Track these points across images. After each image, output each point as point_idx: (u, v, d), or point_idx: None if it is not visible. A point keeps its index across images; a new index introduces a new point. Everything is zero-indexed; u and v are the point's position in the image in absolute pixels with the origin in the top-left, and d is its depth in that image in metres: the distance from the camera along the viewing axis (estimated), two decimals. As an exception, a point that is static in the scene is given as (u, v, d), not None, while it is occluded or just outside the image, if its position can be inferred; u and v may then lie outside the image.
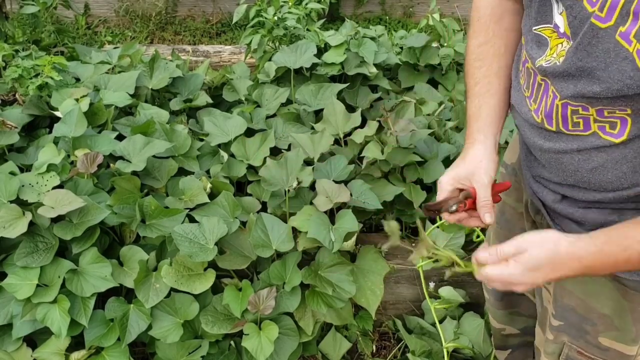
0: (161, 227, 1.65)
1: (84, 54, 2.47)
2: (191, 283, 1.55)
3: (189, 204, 1.72)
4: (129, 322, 1.56)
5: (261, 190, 1.86)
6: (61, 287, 1.54)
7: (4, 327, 1.55)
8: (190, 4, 4.18)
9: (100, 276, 1.55)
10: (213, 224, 1.60)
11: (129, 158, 1.81)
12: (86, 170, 1.68)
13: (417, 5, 4.29)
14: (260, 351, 1.50)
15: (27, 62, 2.16)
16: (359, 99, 2.28)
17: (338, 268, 1.64)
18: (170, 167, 1.84)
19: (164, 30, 4.09)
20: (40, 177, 1.67)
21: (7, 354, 1.54)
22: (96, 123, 1.98)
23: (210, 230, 1.59)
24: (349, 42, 2.33)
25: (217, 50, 3.20)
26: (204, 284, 1.55)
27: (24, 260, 1.55)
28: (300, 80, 2.31)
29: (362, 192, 1.74)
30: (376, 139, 1.95)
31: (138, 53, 2.45)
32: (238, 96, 2.29)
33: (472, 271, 0.96)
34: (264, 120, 2.10)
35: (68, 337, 1.53)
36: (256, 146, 1.94)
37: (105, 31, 4.01)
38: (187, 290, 1.55)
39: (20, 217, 1.56)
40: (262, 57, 2.46)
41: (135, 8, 4.07)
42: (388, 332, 1.94)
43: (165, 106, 2.19)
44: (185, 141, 1.94)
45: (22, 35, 2.75)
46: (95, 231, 1.62)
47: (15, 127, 1.91)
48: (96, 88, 2.14)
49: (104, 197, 1.70)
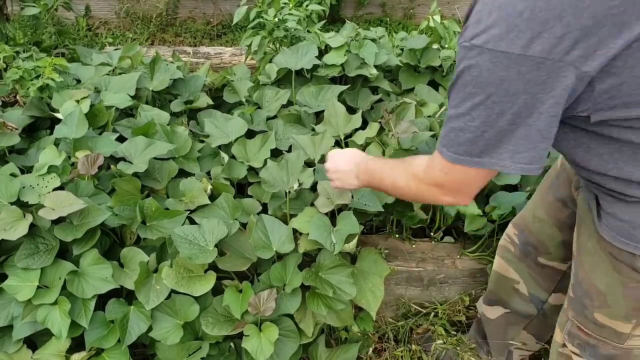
0: (162, 228, 1.64)
1: (85, 56, 2.47)
2: (191, 285, 1.55)
3: (190, 206, 1.72)
4: (129, 324, 1.56)
5: (262, 192, 1.86)
6: (62, 289, 1.54)
7: (5, 329, 1.55)
8: (191, 6, 4.18)
9: (100, 278, 1.55)
10: (213, 226, 1.60)
11: (131, 159, 1.81)
12: (87, 171, 1.68)
13: (417, 7, 4.30)
14: (260, 352, 1.50)
15: (28, 63, 2.16)
16: (359, 100, 2.29)
17: (339, 270, 1.64)
18: (170, 169, 1.84)
19: (165, 32, 4.10)
20: (41, 179, 1.67)
21: (8, 356, 1.54)
22: (97, 124, 1.99)
23: (210, 231, 1.59)
24: (349, 44, 2.33)
25: (217, 51, 3.20)
26: (205, 286, 1.55)
27: (24, 261, 1.55)
28: (300, 82, 2.31)
29: (363, 194, 1.74)
30: (377, 141, 1.95)
31: (139, 55, 2.45)
32: (239, 98, 2.29)
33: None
34: (264, 121, 2.10)
35: (68, 339, 1.53)
36: (257, 148, 1.94)
37: (106, 33, 4.01)
38: (188, 292, 1.55)
39: (21, 219, 1.56)
40: (263, 58, 2.46)
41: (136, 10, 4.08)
42: (387, 333, 1.94)
43: (166, 108, 2.19)
44: (186, 143, 1.94)
45: (23, 37, 2.75)
46: (95, 233, 1.62)
47: (16, 129, 1.91)
48: (97, 89, 2.14)
49: (105, 198, 1.70)
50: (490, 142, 0.90)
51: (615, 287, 1.06)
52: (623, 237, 1.01)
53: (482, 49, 0.84)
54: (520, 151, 0.89)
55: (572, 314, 1.20)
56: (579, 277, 1.16)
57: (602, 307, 1.11)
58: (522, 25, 0.80)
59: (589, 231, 1.12)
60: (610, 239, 1.03)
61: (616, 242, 1.02)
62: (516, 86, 0.83)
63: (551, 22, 0.79)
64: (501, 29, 0.82)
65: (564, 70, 0.81)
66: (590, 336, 1.17)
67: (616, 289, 1.06)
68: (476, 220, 1.89)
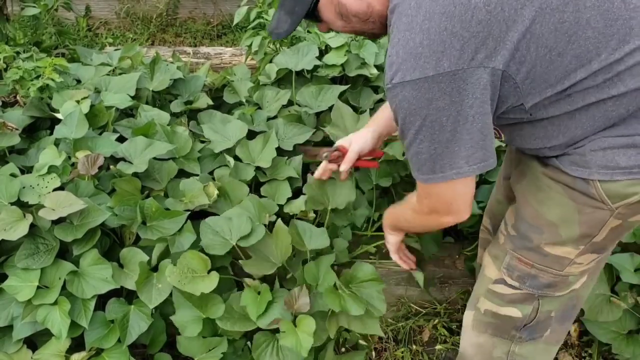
0: (162, 228, 1.64)
1: (85, 56, 2.47)
2: (194, 285, 1.54)
3: (189, 206, 1.72)
4: (129, 323, 1.56)
5: (274, 191, 1.86)
6: (62, 289, 1.54)
7: (5, 329, 1.55)
8: (191, 6, 4.18)
9: (100, 278, 1.55)
10: (242, 222, 1.60)
11: (131, 159, 1.81)
12: (87, 171, 1.68)
13: (417, 7, 4.29)
14: (300, 346, 1.48)
15: (28, 63, 2.16)
16: (361, 100, 2.29)
17: (371, 285, 1.63)
18: (170, 169, 1.84)
19: (165, 32, 4.10)
20: (41, 179, 1.67)
21: (8, 356, 1.54)
22: (97, 125, 1.98)
23: (237, 227, 1.60)
24: (349, 44, 2.33)
25: (217, 52, 3.20)
26: (208, 287, 1.54)
27: (24, 262, 1.55)
28: (301, 82, 2.31)
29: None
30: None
31: (139, 55, 2.45)
32: (239, 98, 2.29)
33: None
34: (265, 122, 2.09)
35: (68, 339, 1.53)
36: (259, 148, 1.93)
37: (106, 33, 4.01)
38: (190, 291, 1.54)
39: (21, 219, 1.56)
40: (263, 59, 2.46)
41: (136, 10, 4.08)
42: (387, 333, 1.94)
43: (166, 108, 2.19)
44: (186, 143, 1.94)
45: (23, 37, 2.76)
46: (96, 233, 1.61)
47: (16, 129, 1.91)
48: (97, 90, 2.14)
49: (105, 198, 1.70)
50: (443, 155, 1.02)
51: (570, 216, 1.12)
52: (576, 166, 1.07)
53: (403, 83, 0.96)
54: (471, 153, 1.01)
55: (512, 247, 1.25)
56: (523, 215, 1.21)
57: (552, 239, 1.17)
58: (425, 52, 0.94)
59: (535, 168, 1.18)
60: (565, 168, 1.08)
61: (570, 171, 1.07)
62: (443, 101, 0.95)
63: (448, 40, 0.93)
64: (410, 61, 0.95)
65: (476, 73, 0.94)
66: (533, 266, 1.22)
67: (571, 217, 1.12)
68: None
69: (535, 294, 1.25)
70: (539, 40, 0.94)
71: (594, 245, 1.15)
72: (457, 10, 0.93)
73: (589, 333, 1.80)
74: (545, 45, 0.95)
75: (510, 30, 0.93)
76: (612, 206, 1.06)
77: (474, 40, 0.93)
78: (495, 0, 0.93)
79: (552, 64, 0.96)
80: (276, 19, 1.20)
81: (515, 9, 0.93)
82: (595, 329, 1.75)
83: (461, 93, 0.95)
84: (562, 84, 0.98)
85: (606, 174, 1.03)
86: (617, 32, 0.95)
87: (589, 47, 0.96)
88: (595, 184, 1.05)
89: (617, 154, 1.02)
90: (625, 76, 0.97)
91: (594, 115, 1.02)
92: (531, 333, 1.31)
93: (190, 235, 1.63)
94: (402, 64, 0.96)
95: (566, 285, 1.23)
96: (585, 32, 0.95)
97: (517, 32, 0.93)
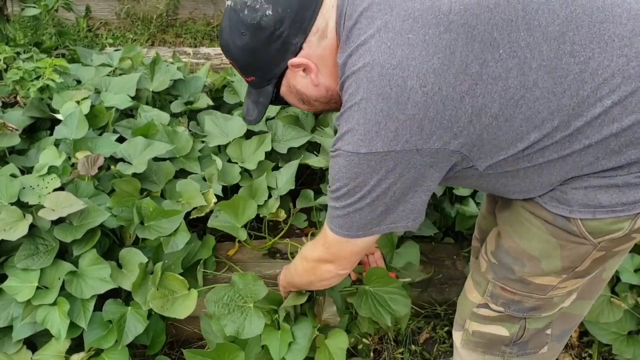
0: (160, 228, 1.64)
1: (85, 57, 2.47)
2: (176, 307, 1.54)
3: (187, 207, 1.71)
4: (126, 324, 1.56)
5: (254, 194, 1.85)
6: (61, 289, 1.54)
7: (4, 330, 1.55)
8: (191, 7, 4.19)
9: (99, 278, 1.55)
10: (248, 281, 1.54)
11: (130, 160, 1.81)
12: (87, 172, 1.68)
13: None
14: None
15: (29, 64, 2.17)
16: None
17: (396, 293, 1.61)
18: (167, 170, 1.84)
19: (165, 33, 4.10)
20: (41, 180, 1.67)
21: (8, 357, 1.54)
22: (97, 125, 1.99)
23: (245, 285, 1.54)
24: (349, 45, 2.33)
25: (218, 52, 3.20)
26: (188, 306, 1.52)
27: (24, 262, 1.55)
28: (300, 83, 2.31)
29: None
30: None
31: (139, 55, 2.45)
32: (239, 98, 2.29)
33: None
34: (264, 122, 2.10)
35: (68, 339, 1.53)
36: (252, 149, 1.93)
37: (107, 34, 4.01)
38: (172, 316, 1.53)
39: (21, 219, 1.56)
40: (263, 59, 2.45)
41: (136, 10, 4.09)
42: (387, 333, 1.94)
43: (166, 108, 2.19)
44: (186, 143, 1.94)
45: (24, 38, 2.76)
46: (95, 233, 1.61)
47: (16, 129, 1.92)
48: (97, 90, 2.14)
49: (105, 199, 1.70)
50: (372, 222, 1.05)
51: (551, 251, 1.10)
52: (557, 202, 1.05)
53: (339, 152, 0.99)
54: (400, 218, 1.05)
55: (493, 276, 1.24)
56: (504, 247, 1.20)
57: (534, 272, 1.15)
58: (361, 130, 0.95)
59: (516, 202, 1.16)
60: (545, 205, 1.06)
61: (551, 207, 1.05)
62: (371, 177, 0.98)
63: (383, 121, 0.92)
64: (348, 135, 0.97)
65: (407, 155, 0.94)
66: (516, 294, 1.21)
67: (552, 252, 1.10)
68: (465, 220, 1.93)
69: (520, 316, 1.25)
70: (482, 112, 0.92)
71: (577, 274, 1.13)
72: (393, 92, 0.91)
73: (589, 334, 1.80)
74: (490, 115, 0.92)
75: (447, 109, 0.91)
76: (595, 241, 1.04)
77: (409, 122, 0.91)
78: (432, 81, 0.90)
79: (500, 130, 0.94)
80: (246, 107, 1.25)
81: (454, 86, 0.90)
82: (596, 329, 1.75)
83: (389, 172, 0.96)
84: (516, 146, 0.96)
85: (588, 212, 1.00)
86: (569, 88, 0.91)
87: (539, 107, 0.92)
88: (577, 222, 1.02)
89: (599, 193, 0.99)
90: (586, 129, 0.93)
91: (562, 167, 0.99)
92: (522, 348, 1.31)
93: (184, 235, 1.63)
94: (343, 135, 0.98)
95: (551, 306, 1.22)
96: (533, 93, 0.91)
97: (456, 109, 0.91)
